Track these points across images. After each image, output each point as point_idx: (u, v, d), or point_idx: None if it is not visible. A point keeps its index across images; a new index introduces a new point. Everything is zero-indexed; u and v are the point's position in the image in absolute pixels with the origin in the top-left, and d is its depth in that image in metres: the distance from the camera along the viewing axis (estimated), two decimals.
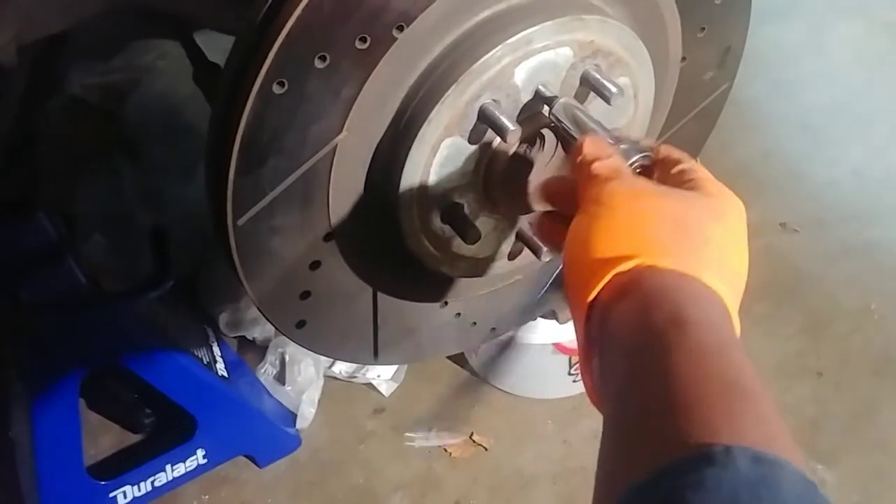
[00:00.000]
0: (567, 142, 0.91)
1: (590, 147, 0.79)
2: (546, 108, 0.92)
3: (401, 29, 0.84)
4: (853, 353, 2.18)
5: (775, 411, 0.57)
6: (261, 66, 0.80)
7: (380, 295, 1.06)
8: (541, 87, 0.92)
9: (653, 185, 0.75)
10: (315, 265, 0.97)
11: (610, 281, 0.67)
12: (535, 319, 1.38)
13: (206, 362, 1.88)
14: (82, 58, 2.34)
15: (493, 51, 0.87)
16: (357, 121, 0.88)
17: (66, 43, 1.65)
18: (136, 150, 2.23)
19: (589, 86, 0.94)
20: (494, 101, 0.90)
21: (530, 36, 0.89)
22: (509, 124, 0.88)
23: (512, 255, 1.08)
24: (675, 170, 0.78)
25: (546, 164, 1.01)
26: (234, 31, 1.33)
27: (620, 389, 0.63)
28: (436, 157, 0.91)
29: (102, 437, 1.97)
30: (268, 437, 1.96)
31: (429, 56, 0.88)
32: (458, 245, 1.00)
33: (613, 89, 0.93)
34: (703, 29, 1.09)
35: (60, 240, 1.52)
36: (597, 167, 0.76)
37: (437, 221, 0.97)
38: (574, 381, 2.08)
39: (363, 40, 0.82)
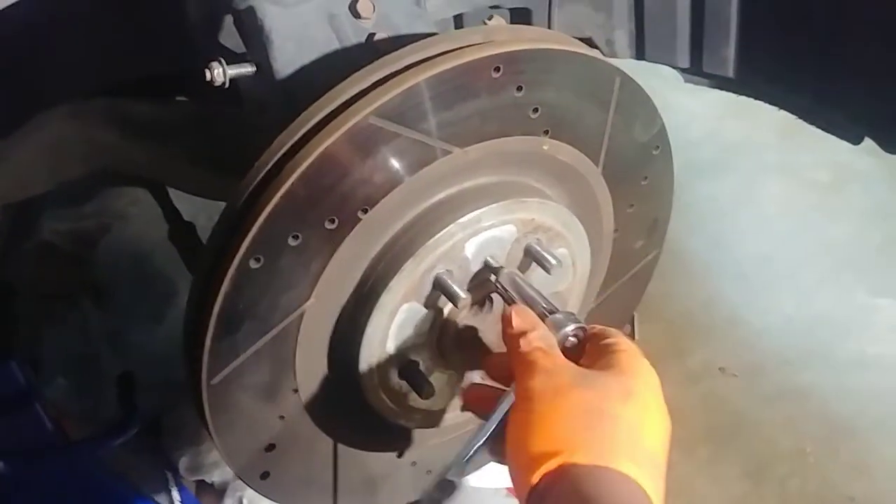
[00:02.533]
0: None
1: (517, 320, 0.91)
2: (493, 276, 1.04)
3: (365, 211, 0.96)
4: (792, 496, 2.26)
5: None
6: (240, 245, 0.90)
7: (340, 446, 1.14)
8: (489, 258, 1.04)
9: (572, 372, 0.85)
10: (280, 419, 1.05)
11: (542, 476, 0.78)
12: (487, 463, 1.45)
13: None
14: (53, 203, 2.43)
15: (447, 228, 1.00)
16: (323, 289, 0.98)
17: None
18: (104, 294, 2.30)
19: (531, 257, 1.07)
20: (448, 270, 1.01)
21: (479, 216, 1.01)
22: (460, 292, 1.00)
23: (464, 407, 1.17)
24: (603, 342, 0.88)
25: (495, 323, 1.12)
26: (207, 195, 1.45)
27: None
28: (394, 320, 1.02)
29: None
30: None
31: (389, 232, 1.00)
32: (414, 399, 1.09)
33: (553, 261, 1.05)
34: (632, 205, 1.23)
35: (29, 386, 1.58)
36: (524, 343, 0.87)
37: (394, 378, 1.06)
38: None
39: (332, 221, 0.94)
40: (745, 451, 2.35)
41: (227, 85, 1.08)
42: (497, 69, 0.96)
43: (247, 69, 1.10)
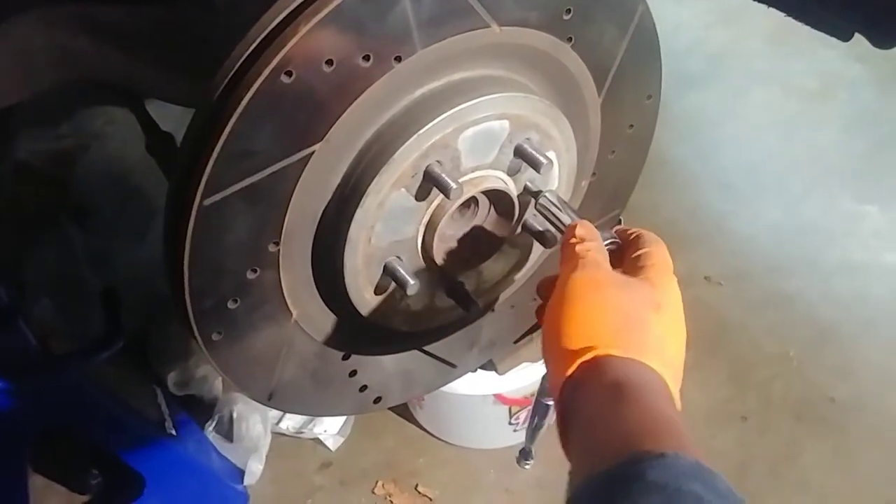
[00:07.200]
0: (553, 226, 1.06)
1: (581, 230, 0.97)
2: (534, 200, 1.06)
3: (399, 59, 0.92)
4: (775, 398, 2.30)
5: (689, 436, 0.76)
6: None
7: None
8: (528, 182, 1.05)
9: (612, 275, 0.92)
10: (252, 272, 0.99)
11: (578, 367, 0.85)
12: (475, 371, 1.45)
13: (154, 421, 1.90)
14: (30, 124, 2.38)
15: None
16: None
17: (14, 109, 1.70)
18: (85, 214, 2.27)
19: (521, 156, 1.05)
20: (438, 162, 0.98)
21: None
22: (451, 183, 0.97)
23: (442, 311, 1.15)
24: (636, 254, 0.94)
25: (480, 224, 1.11)
26: (184, 103, 1.42)
27: (586, 431, 0.82)
28: (384, 207, 0.98)
29: (49, 500, 1.96)
30: (216, 494, 1.98)
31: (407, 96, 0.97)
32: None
33: (544, 160, 1.04)
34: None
35: (11, 304, 1.56)
36: (580, 247, 0.94)
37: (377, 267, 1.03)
38: (515, 431, 2.15)
39: (366, 59, 0.90)
40: (730, 355, 2.38)
41: None
42: None
43: None
